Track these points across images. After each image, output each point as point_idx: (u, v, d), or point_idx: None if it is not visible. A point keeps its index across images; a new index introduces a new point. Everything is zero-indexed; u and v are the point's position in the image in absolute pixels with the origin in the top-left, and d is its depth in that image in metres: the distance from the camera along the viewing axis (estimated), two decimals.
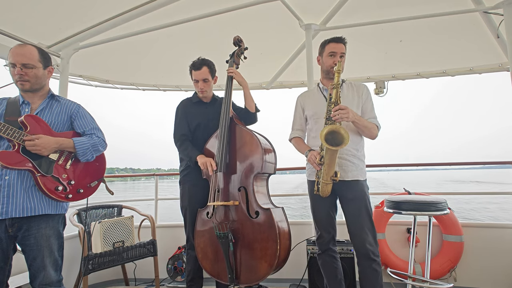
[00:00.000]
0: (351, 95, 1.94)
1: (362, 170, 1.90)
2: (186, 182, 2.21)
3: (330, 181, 1.74)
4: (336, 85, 1.73)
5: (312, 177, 1.96)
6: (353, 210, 1.83)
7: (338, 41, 1.89)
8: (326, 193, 1.81)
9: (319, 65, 2.02)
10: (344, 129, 1.63)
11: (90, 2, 2.49)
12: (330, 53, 1.89)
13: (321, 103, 1.94)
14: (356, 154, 1.90)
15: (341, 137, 1.62)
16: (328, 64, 1.89)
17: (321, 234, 1.94)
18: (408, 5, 2.74)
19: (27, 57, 1.51)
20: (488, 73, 3.55)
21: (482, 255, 2.56)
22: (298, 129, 2.09)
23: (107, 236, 2.55)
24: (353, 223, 1.82)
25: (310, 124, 2.03)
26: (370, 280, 1.77)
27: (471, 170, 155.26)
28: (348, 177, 1.85)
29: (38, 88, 1.60)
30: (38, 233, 1.48)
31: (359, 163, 1.90)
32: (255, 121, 2.29)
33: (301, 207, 16.63)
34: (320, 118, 1.91)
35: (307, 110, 2.04)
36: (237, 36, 2.29)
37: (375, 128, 1.88)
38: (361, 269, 1.81)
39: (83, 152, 1.61)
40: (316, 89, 2.05)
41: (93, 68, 3.65)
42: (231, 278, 1.91)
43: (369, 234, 1.78)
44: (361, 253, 1.79)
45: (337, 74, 1.72)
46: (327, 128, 1.67)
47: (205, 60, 2.19)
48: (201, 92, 2.21)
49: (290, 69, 3.77)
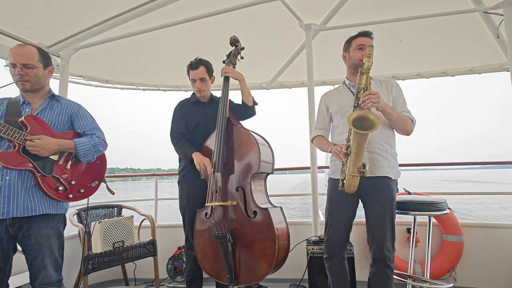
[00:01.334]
0: (380, 90, 1.82)
1: (394, 168, 1.76)
2: (185, 182, 2.22)
3: (357, 173, 1.58)
4: (366, 70, 1.61)
5: (335, 175, 1.83)
6: (378, 214, 1.71)
7: (365, 35, 1.79)
8: (352, 189, 1.65)
9: (345, 61, 1.92)
10: (373, 114, 1.50)
11: (90, 2, 2.49)
12: (358, 46, 1.78)
13: (348, 98, 1.82)
14: (388, 149, 1.75)
15: (371, 122, 1.48)
16: (357, 57, 1.77)
17: (331, 237, 1.81)
18: (408, 5, 2.74)
19: (27, 57, 1.52)
20: (488, 73, 3.55)
21: (482, 255, 2.56)
22: (321, 128, 1.98)
23: (107, 236, 2.55)
24: (375, 226, 1.72)
25: (335, 120, 1.90)
26: (381, 284, 1.72)
27: (470, 170, 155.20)
28: (379, 173, 1.70)
29: (39, 88, 1.60)
30: (38, 233, 1.48)
31: (392, 160, 1.76)
32: (254, 114, 2.27)
33: (301, 207, 16.64)
34: (346, 113, 1.78)
35: (332, 107, 1.92)
36: (233, 36, 2.29)
37: (409, 121, 1.73)
38: (374, 271, 1.75)
39: (84, 153, 1.61)
40: (342, 86, 1.94)
41: (93, 68, 3.65)
42: (230, 278, 1.92)
43: (389, 240, 1.70)
44: (377, 257, 1.72)
45: (367, 59, 1.60)
46: (355, 113, 1.54)
47: (202, 59, 2.20)
48: (198, 91, 2.21)
49: (290, 69, 3.77)
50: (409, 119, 1.74)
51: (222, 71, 2.20)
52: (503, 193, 3.85)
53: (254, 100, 2.24)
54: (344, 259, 1.84)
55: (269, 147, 2.14)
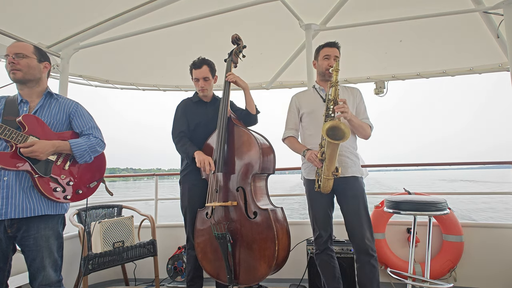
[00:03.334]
0: (346, 96, 2.01)
1: (359, 167, 1.98)
2: (186, 182, 2.21)
3: (331, 176, 1.78)
4: (335, 83, 1.80)
5: (311, 176, 1.98)
6: (352, 207, 1.88)
7: (331, 46, 1.99)
8: (327, 189, 1.83)
9: (315, 68, 2.12)
10: (344, 125, 1.70)
11: (90, 2, 2.49)
12: (325, 56, 1.99)
13: (318, 102, 2.01)
14: (353, 151, 1.98)
15: (342, 132, 1.69)
16: (324, 66, 1.99)
17: (319, 233, 1.95)
18: (408, 5, 2.74)
19: (20, 47, 1.52)
20: (488, 73, 3.56)
21: (482, 255, 2.55)
22: (292, 128, 2.12)
23: (107, 236, 2.55)
24: (352, 220, 1.87)
25: (305, 122, 2.06)
26: (368, 275, 1.82)
27: (469, 170, 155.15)
28: (348, 173, 1.90)
29: (32, 80, 1.57)
30: (37, 234, 1.47)
31: (356, 160, 1.98)
32: (256, 123, 2.30)
33: (301, 207, 16.64)
34: (317, 116, 1.96)
35: (303, 108, 2.07)
36: (235, 34, 2.28)
37: (369, 127, 1.98)
38: (360, 265, 1.87)
39: (80, 154, 1.59)
40: (312, 90, 2.10)
41: (93, 68, 3.65)
42: (230, 279, 1.91)
43: (367, 231, 1.85)
44: (359, 249, 1.85)
45: (335, 73, 1.79)
46: (328, 123, 1.72)
47: (205, 59, 2.21)
48: (201, 90, 2.21)
49: (290, 69, 3.77)
50: (368, 125, 1.98)
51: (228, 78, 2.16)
52: (503, 193, 3.85)
53: (256, 109, 2.26)
54: (332, 251, 2.00)
55: (270, 147, 2.14)
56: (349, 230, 1.90)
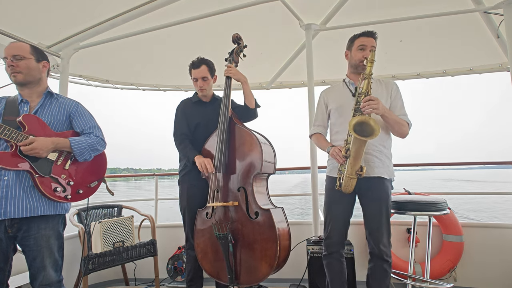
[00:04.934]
0: (380, 90, 1.87)
1: (388, 169, 1.83)
2: (185, 182, 2.21)
3: (355, 175, 1.65)
4: (368, 76, 1.66)
5: (333, 173, 1.88)
6: (374, 211, 1.78)
7: (368, 35, 1.83)
8: (349, 189, 1.72)
9: (347, 60, 1.96)
10: (374, 120, 1.57)
11: (90, 2, 2.49)
12: (360, 47, 1.82)
13: (347, 96, 1.88)
14: (383, 150, 1.82)
15: (371, 129, 1.55)
16: (357, 57, 1.82)
17: (330, 234, 1.86)
18: (408, 5, 2.73)
19: (17, 49, 1.52)
20: (488, 73, 3.56)
21: (482, 255, 2.56)
22: (319, 125, 2.01)
23: (107, 236, 2.55)
24: (371, 223, 1.79)
25: (333, 118, 1.94)
26: (379, 279, 1.77)
27: (468, 170, 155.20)
28: (374, 173, 1.77)
29: (33, 81, 1.58)
30: (37, 234, 1.48)
31: (386, 161, 1.82)
32: (255, 117, 2.27)
33: (301, 207, 16.63)
34: (345, 111, 1.84)
35: (331, 104, 1.95)
36: (236, 33, 2.28)
37: (406, 125, 1.79)
38: (372, 267, 1.81)
39: (80, 152, 1.59)
40: (342, 84, 1.97)
41: (93, 68, 3.65)
42: (230, 279, 1.91)
43: (385, 236, 1.77)
44: (374, 253, 1.79)
45: (370, 64, 1.65)
46: (356, 118, 1.60)
47: (204, 59, 2.20)
48: (200, 90, 2.21)
49: (290, 69, 3.77)
50: (405, 122, 1.80)
51: (226, 71, 2.19)
52: (503, 193, 3.85)
53: (256, 103, 2.24)
54: (342, 257, 1.89)
55: (271, 146, 2.14)
56: (367, 231, 1.82)
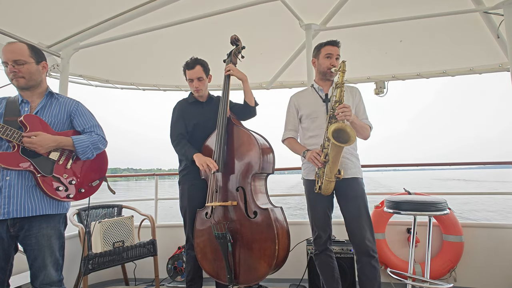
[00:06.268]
0: (347, 97, 1.98)
1: (359, 168, 1.98)
2: (185, 182, 2.21)
3: (334, 178, 1.76)
4: (341, 85, 1.77)
5: (310, 176, 1.97)
6: (353, 209, 1.87)
7: (333, 44, 1.95)
8: (328, 191, 1.82)
9: (314, 67, 2.08)
10: (350, 127, 1.69)
11: (91, 2, 2.49)
12: (327, 55, 1.95)
13: (318, 102, 1.99)
14: (353, 153, 1.97)
15: (347, 135, 1.67)
16: (325, 65, 1.95)
17: (318, 234, 1.94)
18: (408, 5, 2.74)
19: (17, 53, 1.51)
20: (488, 73, 3.56)
21: (482, 255, 2.56)
22: (291, 129, 2.10)
23: (107, 236, 2.55)
24: (353, 221, 1.86)
25: (305, 123, 2.03)
26: (369, 276, 1.81)
27: (469, 170, 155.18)
28: (348, 175, 1.89)
29: (34, 85, 1.58)
30: (39, 233, 1.48)
31: (356, 162, 1.97)
32: (254, 115, 2.28)
33: (300, 207, 16.63)
34: (318, 117, 1.95)
35: (302, 110, 2.05)
36: (234, 35, 2.28)
37: (368, 128, 1.97)
38: (360, 266, 1.85)
39: (82, 150, 1.60)
40: (311, 90, 2.07)
41: (93, 68, 3.66)
42: (230, 278, 1.92)
43: (368, 232, 1.84)
44: (360, 250, 1.84)
45: (342, 74, 1.76)
46: (334, 125, 1.70)
47: (198, 59, 2.20)
48: (196, 91, 2.21)
49: (290, 69, 3.77)
50: (368, 126, 1.97)
51: (226, 70, 2.20)
52: (503, 193, 3.85)
53: (255, 101, 2.25)
54: (331, 252, 1.99)
55: (269, 146, 2.14)
56: (349, 231, 1.88)
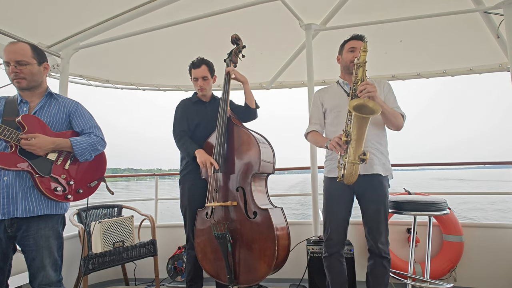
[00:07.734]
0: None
1: (385, 166, 1.83)
2: (186, 182, 2.21)
3: (358, 160, 1.56)
4: (362, 64, 1.65)
5: (332, 173, 1.87)
6: (372, 211, 1.81)
7: (358, 38, 1.88)
8: (353, 177, 1.62)
9: (339, 63, 2.00)
10: (372, 102, 1.56)
11: (90, 2, 2.49)
12: (350, 49, 1.87)
13: (342, 96, 1.90)
14: (379, 147, 1.82)
15: (370, 110, 1.53)
16: (348, 58, 1.87)
17: (330, 235, 1.87)
18: (408, 5, 2.73)
19: (20, 53, 1.50)
20: (488, 73, 3.55)
21: (482, 255, 2.56)
22: (315, 123, 2.01)
23: (107, 236, 2.55)
24: (370, 222, 1.82)
25: (329, 118, 1.95)
26: (378, 276, 1.81)
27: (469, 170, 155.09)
28: (372, 170, 1.76)
29: (35, 86, 1.58)
30: (37, 234, 1.48)
31: (382, 158, 1.83)
32: (255, 117, 2.29)
33: (300, 207, 16.62)
34: (341, 111, 1.84)
35: (326, 103, 1.97)
36: (235, 34, 2.28)
37: (400, 116, 1.81)
38: (371, 264, 1.84)
39: (81, 152, 1.59)
40: (336, 85, 2.00)
41: (93, 68, 3.65)
42: (230, 279, 1.92)
43: (383, 234, 1.81)
44: (373, 251, 1.83)
45: (363, 53, 1.65)
46: (355, 101, 1.58)
47: (204, 59, 2.22)
48: (200, 90, 2.22)
49: (290, 69, 3.77)
50: (400, 114, 1.82)
51: (226, 71, 2.21)
52: (503, 193, 3.85)
53: (256, 103, 2.26)
54: (342, 257, 1.90)
55: (270, 146, 2.14)
56: (366, 229, 1.85)
